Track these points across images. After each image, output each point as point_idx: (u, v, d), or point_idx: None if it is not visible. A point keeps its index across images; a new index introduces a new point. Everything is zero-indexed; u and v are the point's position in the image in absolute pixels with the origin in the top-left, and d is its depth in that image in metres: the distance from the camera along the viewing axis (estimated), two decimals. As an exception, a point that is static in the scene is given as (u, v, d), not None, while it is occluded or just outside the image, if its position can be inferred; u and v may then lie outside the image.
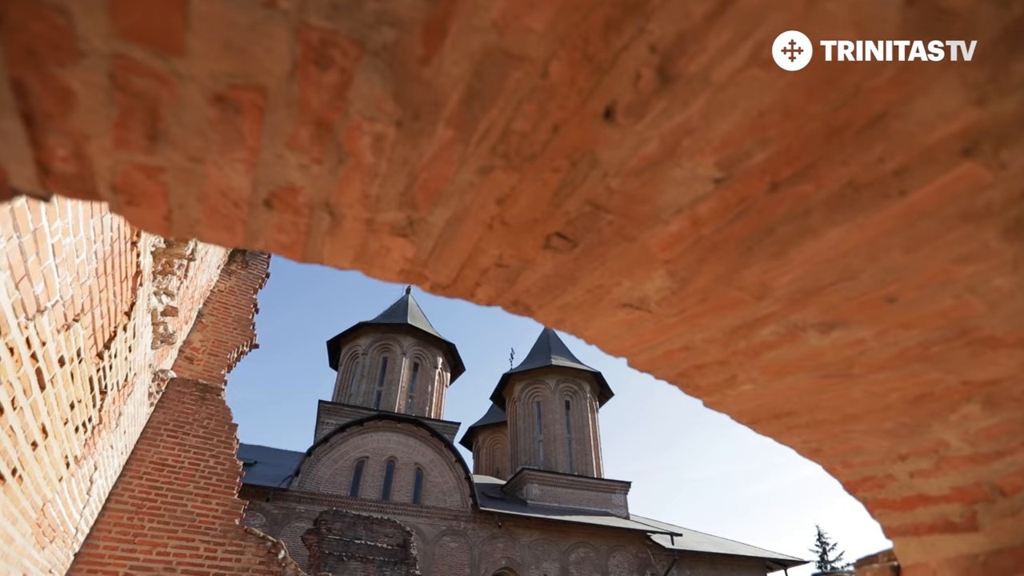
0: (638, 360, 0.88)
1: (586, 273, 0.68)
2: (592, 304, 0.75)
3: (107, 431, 4.44)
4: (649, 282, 0.69)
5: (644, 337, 0.81)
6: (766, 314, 0.72)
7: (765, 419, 0.97)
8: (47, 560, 4.15)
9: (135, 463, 5.94)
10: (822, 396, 0.86)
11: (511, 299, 0.75)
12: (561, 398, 22.78)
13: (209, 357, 7.51)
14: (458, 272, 0.68)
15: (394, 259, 0.64)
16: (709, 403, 0.97)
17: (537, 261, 0.66)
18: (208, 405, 6.70)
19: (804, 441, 1.02)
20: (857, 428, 0.93)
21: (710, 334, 0.78)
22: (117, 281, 3.13)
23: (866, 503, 1.10)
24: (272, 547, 6.11)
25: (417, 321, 23.46)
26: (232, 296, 8.19)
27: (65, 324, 2.55)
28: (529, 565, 16.67)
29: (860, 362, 0.76)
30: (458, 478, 17.46)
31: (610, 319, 0.78)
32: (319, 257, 0.64)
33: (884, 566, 1.06)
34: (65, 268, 2.30)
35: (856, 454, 1.01)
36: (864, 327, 0.70)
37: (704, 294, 0.70)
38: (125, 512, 5.64)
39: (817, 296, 0.67)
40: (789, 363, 0.80)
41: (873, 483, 1.05)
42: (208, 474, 6.23)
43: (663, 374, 0.91)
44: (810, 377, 0.82)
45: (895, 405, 0.83)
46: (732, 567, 19.11)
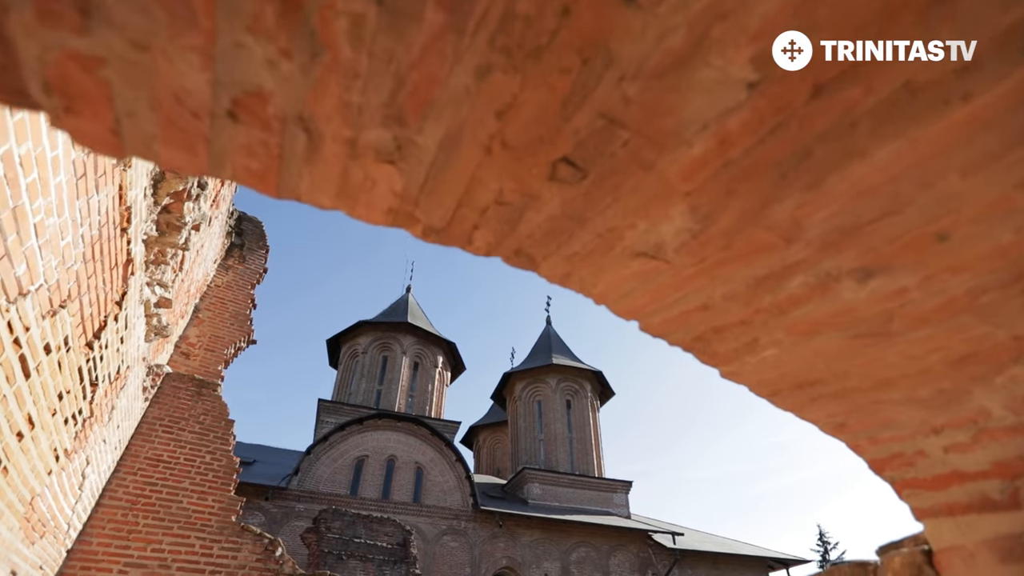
0: (651, 322, 0.81)
1: (597, 213, 0.61)
2: (603, 253, 0.68)
3: (99, 425, 4.36)
4: (667, 222, 0.61)
5: (659, 293, 0.74)
6: (796, 260, 0.64)
7: (788, 389, 0.90)
8: (37, 556, 4.07)
9: (129, 459, 5.87)
10: (853, 361, 0.79)
11: (513, 247, 0.67)
12: (562, 397, 22.70)
13: (206, 353, 7.43)
14: (453, 212, 0.60)
15: (381, 194, 0.57)
16: (727, 373, 0.90)
17: (542, 197, 0.58)
18: (204, 400, 6.62)
19: (829, 415, 0.95)
20: (889, 398, 0.86)
21: (732, 288, 0.70)
22: (107, 268, 3.05)
23: (894, 483, 1.03)
24: (269, 544, 6.03)
25: (417, 320, 23.39)
26: (229, 291, 8.11)
27: (51, 310, 2.48)
28: (530, 565, 16.59)
29: (900, 316, 0.68)
30: (458, 477, 17.38)
31: (622, 271, 0.71)
32: (296, 191, 0.56)
33: (913, 551, 0.98)
34: (49, 250, 2.22)
35: (885, 428, 0.94)
36: (907, 273, 0.62)
37: (728, 237, 0.62)
38: (119, 508, 5.56)
39: (856, 236, 0.60)
40: (819, 321, 0.72)
41: (902, 460, 0.97)
42: (204, 470, 6.15)
43: (678, 339, 0.83)
44: (841, 337, 0.74)
45: (934, 368, 0.76)
46: (734, 566, 19.03)
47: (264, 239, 9.11)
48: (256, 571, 5.80)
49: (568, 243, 0.67)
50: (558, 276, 0.73)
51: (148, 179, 3.17)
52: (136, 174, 2.89)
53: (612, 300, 0.77)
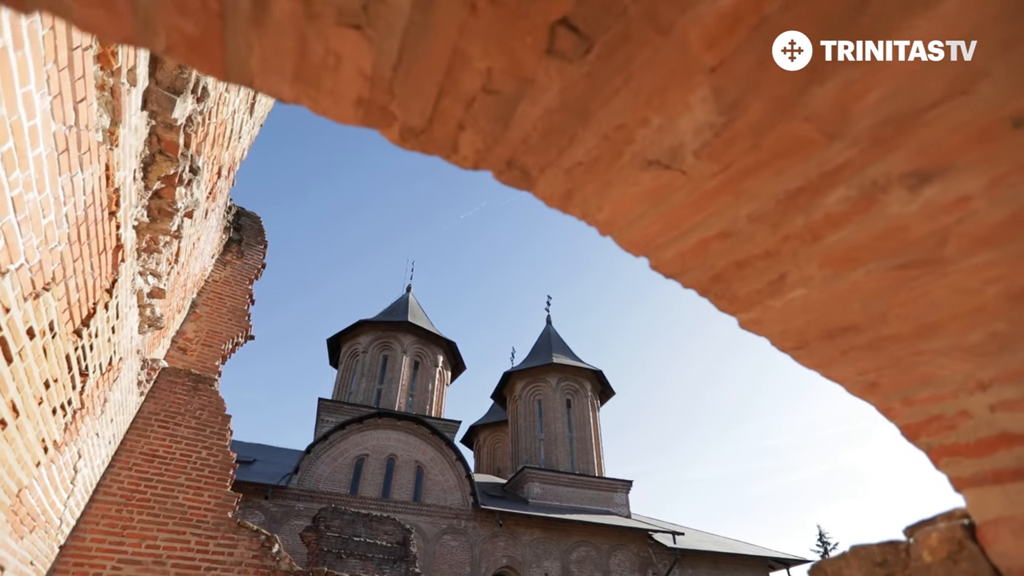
0: (663, 257, 0.71)
1: (602, 103, 0.51)
2: (609, 161, 0.58)
3: (91, 417, 4.27)
4: (686, 115, 0.52)
5: (674, 216, 0.64)
6: (838, 164, 0.55)
7: (816, 340, 0.80)
8: (27, 551, 3.98)
9: (124, 454, 5.78)
10: (894, 299, 0.69)
11: (505, 156, 0.58)
12: (562, 396, 22.59)
13: (203, 348, 7.34)
14: (435, 104, 0.51)
15: (348, 76, 0.48)
16: (747, 322, 0.80)
17: (538, 79, 0.49)
18: (201, 395, 6.54)
19: (860, 371, 0.85)
20: (931, 347, 0.76)
21: (759, 206, 0.61)
22: (95, 253, 2.96)
23: (930, 451, 0.93)
24: (266, 541, 5.94)
25: (418, 319, 23.30)
26: (227, 286, 8.03)
27: (33, 292, 2.39)
28: (530, 564, 16.48)
29: (956, 236, 0.59)
30: (459, 476, 17.28)
31: (632, 188, 0.61)
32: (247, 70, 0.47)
33: (952, 526, 0.88)
34: (29, 228, 2.13)
35: (923, 386, 0.84)
36: (971, 175, 0.52)
37: (758, 134, 0.53)
38: (113, 504, 5.48)
39: (912, 128, 0.50)
40: (859, 247, 0.63)
41: (942, 424, 0.88)
42: (200, 466, 6.06)
43: (693, 278, 0.74)
44: (884, 269, 0.65)
45: (990, 305, 0.66)
46: (735, 566, 18.90)
47: (263, 234, 9.03)
48: (252, 568, 5.71)
49: (569, 149, 0.58)
50: (558, 196, 0.64)
51: (137, 161, 3.08)
52: (124, 154, 2.81)
53: (619, 228, 0.67)
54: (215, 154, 4.99)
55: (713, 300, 0.78)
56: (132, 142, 2.88)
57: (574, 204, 0.65)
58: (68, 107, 2.11)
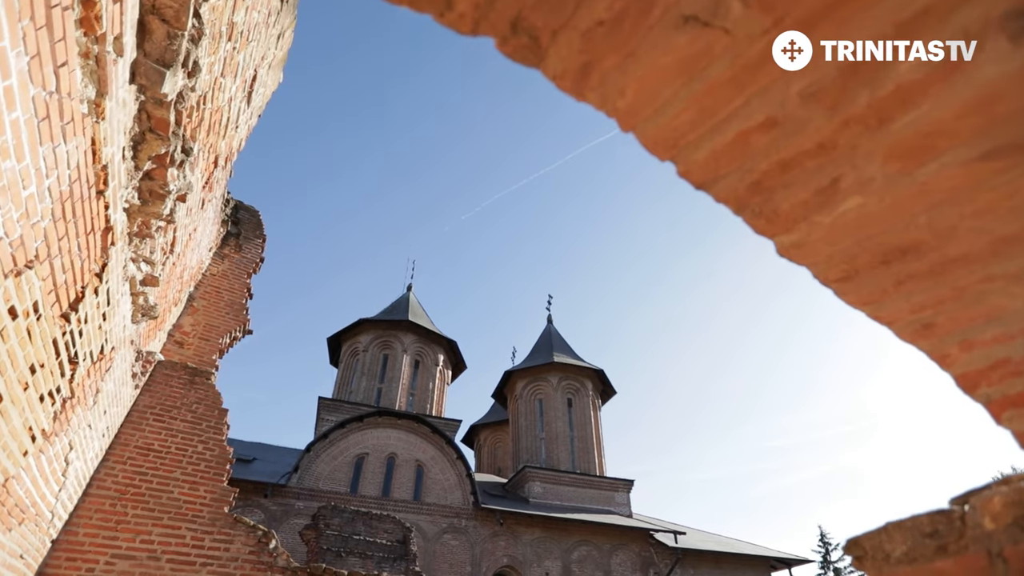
0: (694, 159, 0.60)
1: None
2: (637, 18, 0.48)
3: (83, 408, 4.17)
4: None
5: (711, 98, 0.54)
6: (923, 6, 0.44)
7: (868, 267, 0.69)
8: (16, 544, 3.88)
9: (118, 447, 5.68)
10: (970, 205, 0.58)
11: (510, 14, 0.48)
12: (563, 395, 22.47)
13: (200, 341, 7.25)
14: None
15: None
16: (788, 246, 0.69)
17: None
18: (197, 389, 6.44)
19: (915, 308, 0.74)
20: (1005, 270, 0.65)
21: (816, 76, 0.50)
22: (82, 232, 2.86)
23: (990, 404, 0.82)
24: (263, 536, 5.83)
25: (418, 318, 23.20)
26: (225, 280, 7.94)
27: (14, 269, 2.29)
28: (531, 563, 16.35)
29: (1063, 106, 0.48)
30: (459, 475, 17.17)
31: (662, 57, 0.51)
32: None
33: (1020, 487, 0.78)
34: (8, 199, 2.03)
35: (988, 324, 0.73)
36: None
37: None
38: (107, 498, 5.38)
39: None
40: (935, 131, 0.52)
41: (1008, 369, 0.77)
42: (196, 460, 5.97)
43: (728, 186, 0.63)
44: (963, 159, 0.54)
45: (1090, 207, 0.55)
46: (736, 566, 18.76)
47: (261, 228, 8.94)
48: (249, 563, 5.61)
49: (588, 1, 0.47)
50: (572, 74, 0.53)
51: (127, 138, 2.98)
52: (111, 129, 2.70)
53: (644, 118, 0.57)
54: (211, 141, 4.89)
55: (749, 219, 0.67)
56: (120, 117, 2.78)
57: (591, 85, 0.54)
58: (48, 70, 2.01)
